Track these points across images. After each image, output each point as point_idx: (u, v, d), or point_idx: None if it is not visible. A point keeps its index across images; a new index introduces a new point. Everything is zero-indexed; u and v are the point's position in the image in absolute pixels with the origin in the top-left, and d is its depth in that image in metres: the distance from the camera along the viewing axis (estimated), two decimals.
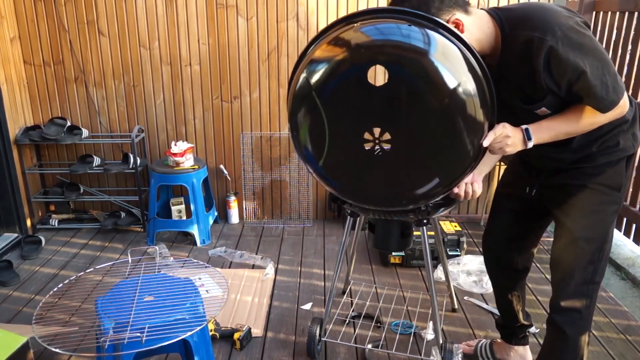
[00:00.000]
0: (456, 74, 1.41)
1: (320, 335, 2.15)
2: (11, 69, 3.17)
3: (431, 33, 1.42)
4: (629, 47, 3.33)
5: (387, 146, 1.51)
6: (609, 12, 3.54)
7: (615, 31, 3.48)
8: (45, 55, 3.29)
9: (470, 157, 1.51)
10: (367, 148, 1.53)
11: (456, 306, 2.55)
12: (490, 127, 1.53)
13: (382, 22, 1.49)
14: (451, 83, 1.40)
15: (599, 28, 3.69)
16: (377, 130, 1.51)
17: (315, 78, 1.50)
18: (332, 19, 3.24)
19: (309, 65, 1.52)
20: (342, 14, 3.23)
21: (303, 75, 1.53)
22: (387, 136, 1.51)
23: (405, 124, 1.48)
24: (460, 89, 1.41)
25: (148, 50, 3.30)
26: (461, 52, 1.43)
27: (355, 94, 1.48)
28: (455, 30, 1.44)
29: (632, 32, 3.29)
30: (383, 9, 1.51)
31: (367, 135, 1.53)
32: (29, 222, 3.35)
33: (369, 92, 1.47)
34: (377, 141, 1.51)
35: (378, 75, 1.70)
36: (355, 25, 1.51)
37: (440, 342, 2.04)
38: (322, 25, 3.25)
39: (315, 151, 1.61)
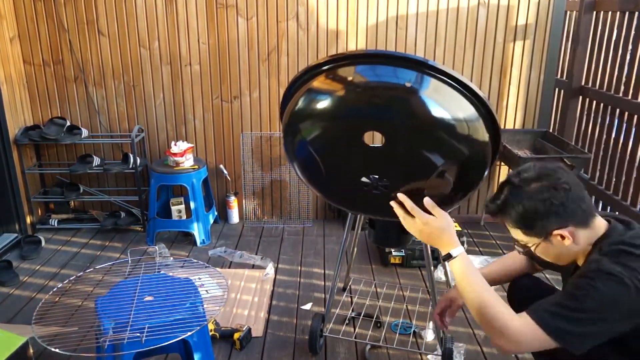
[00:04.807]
0: (447, 107, 1.38)
1: (322, 330, 2.16)
2: (11, 68, 3.17)
3: (425, 76, 1.38)
4: (629, 47, 3.32)
5: (385, 186, 1.51)
6: (609, 12, 3.54)
7: (615, 31, 3.48)
8: (45, 55, 3.29)
9: (479, 177, 1.51)
10: (365, 188, 1.54)
11: None
12: (495, 146, 1.48)
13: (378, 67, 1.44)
14: (442, 115, 1.38)
15: (599, 28, 3.69)
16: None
17: (309, 132, 1.51)
18: (332, 19, 3.24)
19: (302, 121, 1.52)
20: (342, 14, 3.23)
21: (295, 125, 1.53)
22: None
23: (404, 169, 1.47)
24: (452, 120, 1.38)
25: (148, 50, 3.29)
26: (453, 88, 1.39)
27: (350, 150, 1.49)
28: (446, 69, 1.36)
29: (632, 32, 3.29)
30: (374, 53, 1.46)
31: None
32: (28, 222, 3.35)
33: (364, 149, 1.46)
34: (375, 185, 1.52)
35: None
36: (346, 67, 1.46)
37: (441, 336, 2.04)
38: (322, 25, 3.25)
39: (313, 184, 1.65)
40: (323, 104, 1.46)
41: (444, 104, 1.37)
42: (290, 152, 1.61)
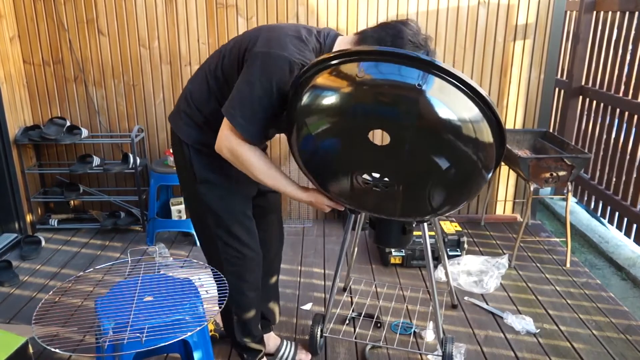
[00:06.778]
0: (453, 108, 1.38)
1: (322, 330, 2.16)
2: (11, 68, 3.17)
3: (429, 75, 1.37)
4: (629, 47, 3.32)
5: (386, 185, 1.51)
6: (609, 12, 3.54)
7: (615, 31, 3.48)
8: (45, 54, 3.29)
9: (482, 178, 1.51)
10: (366, 185, 1.53)
11: (456, 302, 2.55)
12: (500, 148, 1.50)
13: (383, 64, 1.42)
14: (448, 116, 1.37)
15: (599, 28, 3.69)
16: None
17: (314, 127, 1.50)
18: (332, 18, 3.23)
19: (307, 117, 1.51)
20: (342, 13, 3.23)
21: (300, 120, 1.53)
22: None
23: (408, 169, 1.46)
24: (458, 121, 1.38)
25: (148, 49, 3.29)
26: (458, 88, 1.39)
27: (355, 147, 1.48)
28: (452, 69, 1.37)
29: (632, 32, 3.29)
30: (381, 51, 1.44)
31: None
32: (28, 222, 3.35)
33: (366, 142, 1.44)
34: (376, 184, 1.51)
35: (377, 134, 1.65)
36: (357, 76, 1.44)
37: (442, 336, 2.04)
38: (322, 25, 3.24)
39: (315, 179, 1.64)
40: (329, 99, 1.46)
41: (449, 104, 1.37)
42: (293, 147, 1.61)
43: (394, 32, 1.55)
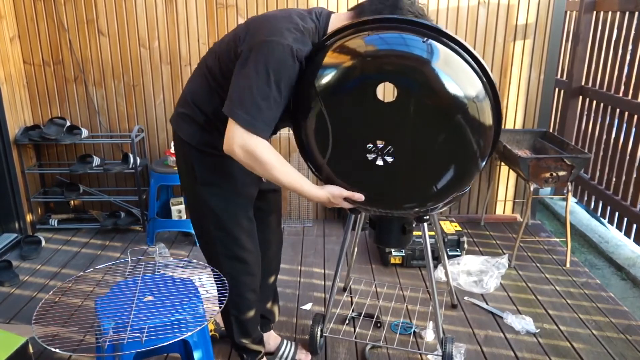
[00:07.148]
0: (459, 81, 1.41)
1: (322, 330, 2.16)
2: (11, 68, 3.17)
3: (434, 43, 1.42)
4: (629, 47, 3.33)
5: (389, 158, 1.52)
6: (609, 12, 3.54)
7: (615, 31, 3.48)
8: (45, 54, 3.29)
9: (476, 166, 1.52)
10: (370, 158, 1.53)
11: (456, 302, 2.55)
12: (497, 133, 1.53)
13: (387, 32, 1.48)
14: (455, 91, 1.40)
15: (599, 28, 3.69)
16: (381, 140, 1.52)
17: (322, 84, 1.50)
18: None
19: (317, 70, 1.52)
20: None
21: (310, 79, 1.53)
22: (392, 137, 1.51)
23: (409, 137, 1.48)
24: (464, 98, 1.41)
25: (148, 49, 3.29)
26: (463, 59, 1.43)
27: (360, 105, 1.49)
28: (458, 37, 1.43)
29: (632, 32, 3.29)
30: (388, 18, 1.49)
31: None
32: (28, 222, 3.35)
33: (373, 105, 1.46)
34: (379, 153, 1.51)
35: (384, 91, 1.70)
36: (363, 34, 1.50)
37: (442, 336, 2.04)
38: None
39: (318, 155, 1.63)
40: (337, 75, 1.49)
41: (454, 77, 1.42)
42: (299, 123, 1.61)
43: (391, 2, 1.55)
